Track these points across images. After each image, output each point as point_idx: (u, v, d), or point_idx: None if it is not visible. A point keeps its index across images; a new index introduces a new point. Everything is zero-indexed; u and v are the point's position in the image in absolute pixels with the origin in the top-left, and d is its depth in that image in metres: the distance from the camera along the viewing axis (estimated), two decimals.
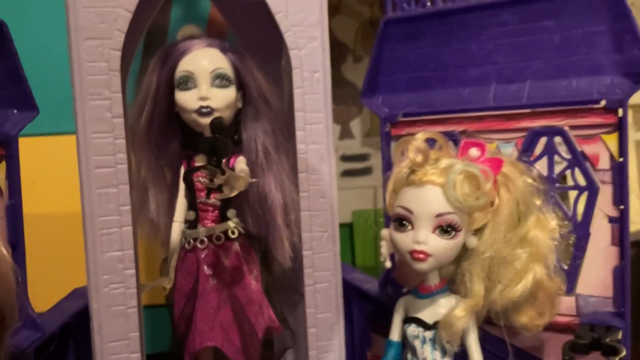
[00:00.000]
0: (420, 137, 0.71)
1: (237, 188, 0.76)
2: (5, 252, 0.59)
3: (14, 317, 0.60)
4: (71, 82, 0.76)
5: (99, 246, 0.76)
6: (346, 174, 1.41)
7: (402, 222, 0.71)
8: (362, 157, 1.43)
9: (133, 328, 0.78)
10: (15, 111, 0.79)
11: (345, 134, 1.45)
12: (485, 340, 0.73)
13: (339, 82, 1.38)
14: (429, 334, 0.72)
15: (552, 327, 0.78)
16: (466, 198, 0.68)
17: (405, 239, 0.70)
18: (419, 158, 0.70)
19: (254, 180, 0.80)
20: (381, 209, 0.85)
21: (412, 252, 0.70)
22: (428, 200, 0.69)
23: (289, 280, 0.92)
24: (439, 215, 0.69)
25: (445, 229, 0.69)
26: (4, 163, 0.77)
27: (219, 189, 0.75)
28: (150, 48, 1.06)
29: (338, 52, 1.42)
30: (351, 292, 0.95)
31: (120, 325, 0.77)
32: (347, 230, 1.39)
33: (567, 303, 0.78)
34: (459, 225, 0.69)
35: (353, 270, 1.01)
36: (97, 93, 0.76)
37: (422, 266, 0.70)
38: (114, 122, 0.76)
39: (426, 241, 0.69)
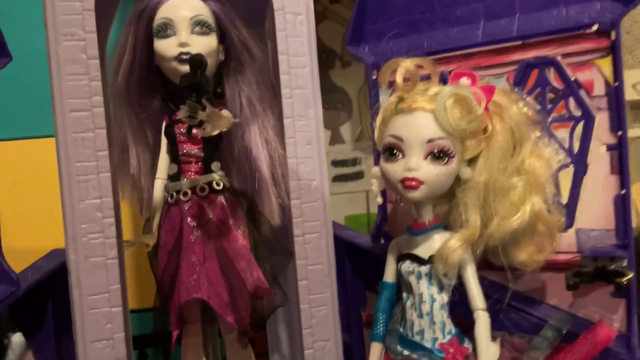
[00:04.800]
0: (408, 61, 0.68)
1: (219, 127, 0.73)
2: None
3: None
4: (44, 23, 0.73)
5: (75, 193, 0.73)
6: (337, 179, 1.39)
7: (392, 151, 0.68)
8: (353, 162, 1.41)
9: (114, 280, 0.74)
10: None
11: (336, 139, 1.43)
12: (483, 286, 0.70)
13: (328, 87, 1.36)
14: (424, 269, 0.69)
15: (553, 267, 0.75)
16: (458, 122, 0.66)
17: (396, 168, 0.67)
18: (408, 83, 0.67)
19: (236, 120, 0.77)
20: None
21: (403, 180, 0.66)
22: (418, 126, 0.67)
23: (278, 239, 0.88)
24: (430, 140, 0.66)
25: (438, 155, 0.66)
26: None
27: (200, 126, 0.72)
28: None
29: (326, 57, 1.41)
30: (343, 249, 0.92)
31: (100, 277, 0.73)
32: None
33: (567, 239, 0.75)
34: (451, 151, 0.66)
35: (345, 227, 0.98)
36: (71, 33, 0.73)
37: (414, 194, 0.67)
38: (89, 63, 0.73)
39: (418, 167, 0.66)
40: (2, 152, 0.84)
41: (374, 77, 0.88)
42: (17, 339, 0.52)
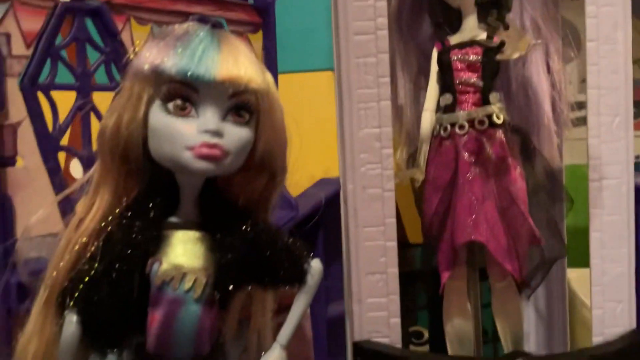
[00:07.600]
0: None
1: (519, 49, 0.64)
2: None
3: (284, 174, 0.56)
4: None
5: (355, 121, 0.70)
6: None
7: None
8: (577, 106, 1.21)
9: (390, 214, 0.71)
10: None
11: None
12: None
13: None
14: None
15: None
16: None
17: None
18: None
19: (538, 42, 0.68)
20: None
21: None
22: None
23: (556, 182, 0.78)
24: None
25: None
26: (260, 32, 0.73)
27: (499, 49, 0.64)
28: None
29: None
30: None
31: (376, 210, 0.70)
32: None
33: None
34: None
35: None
36: None
37: None
38: None
39: None
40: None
41: None
42: (315, 264, 0.51)
